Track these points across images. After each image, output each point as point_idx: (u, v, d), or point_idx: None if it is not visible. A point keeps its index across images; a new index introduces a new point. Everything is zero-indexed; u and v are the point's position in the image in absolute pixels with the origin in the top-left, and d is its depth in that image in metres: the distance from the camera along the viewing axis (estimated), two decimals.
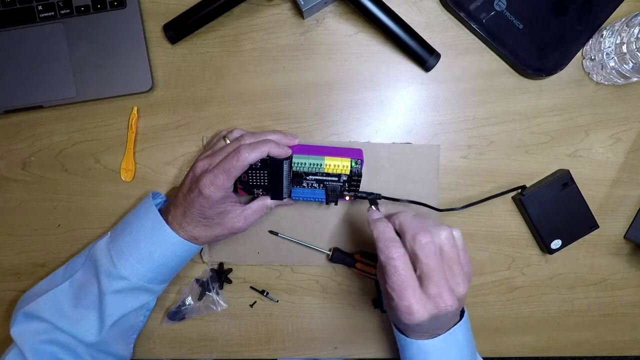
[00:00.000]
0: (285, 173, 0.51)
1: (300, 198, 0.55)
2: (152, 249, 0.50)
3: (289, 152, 0.50)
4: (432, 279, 0.42)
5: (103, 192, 0.59)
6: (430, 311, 0.43)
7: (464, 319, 0.49)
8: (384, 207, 0.58)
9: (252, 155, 0.48)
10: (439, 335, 0.47)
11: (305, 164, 0.52)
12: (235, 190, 0.53)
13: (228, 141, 0.52)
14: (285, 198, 0.54)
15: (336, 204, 0.57)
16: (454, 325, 0.48)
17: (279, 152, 0.49)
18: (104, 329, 0.51)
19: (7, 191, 0.59)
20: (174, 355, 0.61)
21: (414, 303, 0.42)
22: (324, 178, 0.53)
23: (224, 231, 0.52)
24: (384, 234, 0.45)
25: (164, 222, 0.50)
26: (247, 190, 0.54)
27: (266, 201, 0.54)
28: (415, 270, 0.43)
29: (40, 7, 0.56)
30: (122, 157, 0.59)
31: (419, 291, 0.43)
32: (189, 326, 0.61)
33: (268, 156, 0.49)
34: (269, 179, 0.52)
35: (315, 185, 0.54)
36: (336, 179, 0.53)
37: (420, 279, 0.43)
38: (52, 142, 0.59)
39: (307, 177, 0.53)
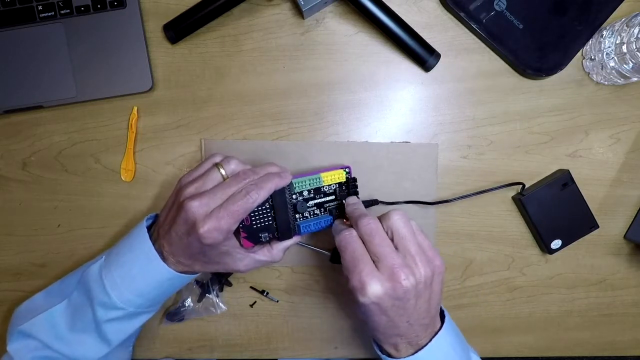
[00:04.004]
0: (288, 202, 0.50)
1: (310, 230, 0.52)
2: (147, 282, 0.48)
3: (290, 178, 0.49)
4: (382, 256, 0.42)
5: (103, 192, 0.59)
6: (386, 286, 0.41)
7: (445, 325, 0.47)
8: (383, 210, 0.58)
9: (261, 196, 0.45)
10: (421, 346, 0.45)
11: (305, 182, 0.51)
12: (237, 236, 0.49)
13: (223, 171, 0.47)
14: (294, 235, 0.51)
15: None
16: (437, 332, 0.46)
17: (283, 183, 0.48)
18: (110, 349, 0.51)
19: (7, 191, 0.59)
20: (174, 355, 0.61)
21: (365, 275, 0.42)
22: (323, 200, 0.52)
23: (222, 269, 0.50)
24: (336, 227, 0.49)
25: (159, 258, 0.47)
26: (253, 238, 0.50)
27: (272, 254, 0.50)
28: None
29: (40, 7, 0.56)
30: (122, 157, 0.59)
31: (371, 266, 0.42)
32: (189, 326, 0.61)
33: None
34: (272, 215, 0.49)
35: (317, 212, 0.52)
36: (333, 197, 0.52)
37: (374, 262, 0.43)
38: (52, 142, 0.59)
39: (308, 204, 0.51)
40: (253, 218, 0.49)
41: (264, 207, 0.49)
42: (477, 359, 0.51)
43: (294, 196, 0.51)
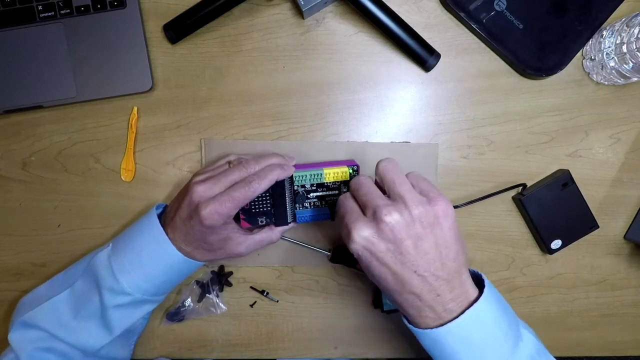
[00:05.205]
0: (287, 191, 0.51)
1: (306, 220, 0.54)
2: (156, 266, 0.50)
3: (293, 170, 0.51)
4: (368, 202, 0.42)
5: (103, 192, 0.59)
6: (371, 226, 0.40)
7: (485, 294, 0.42)
8: None
9: (262, 186, 0.48)
10: (453, 316, 0.41)
11: (306, 176, 0.52)
12: (237, 220, 0.52)
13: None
14: (290, 222, 0.53)
15: None
16: (472, 302, 0.41)
17: (285, 175, 0.50)
18: (111, 338, 0.51)
19: (7, 191, 0.59)
20: (174, 355, 0.61)
21: (351, 222, 0.42)
22: (326, 193, 0.53)
23: (224, 255, 0.52)
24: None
25: (168, 241, 0.49)
26: (251, 220, 0.52)
27: (271, 234, 0.53)
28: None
29: (40, 7, 0.56)
30: (122, 157, 0.59)
31: (357, 213, 0.42)
32: (189, 326, 0.61)
33: None
34: (271, 202, 0.52)
35: (318, 203, 0.54)
36: (337, 192, 0.53)
37: (363, 211, 0.43)
38: (52, 142, 0.59)
39: (309, 196, 0.53)
40: (252, 203, 0.51)
41: (264, 194, 0.51)
42: (530, 335, 0.45)
43: (295, 187, 0.53)
